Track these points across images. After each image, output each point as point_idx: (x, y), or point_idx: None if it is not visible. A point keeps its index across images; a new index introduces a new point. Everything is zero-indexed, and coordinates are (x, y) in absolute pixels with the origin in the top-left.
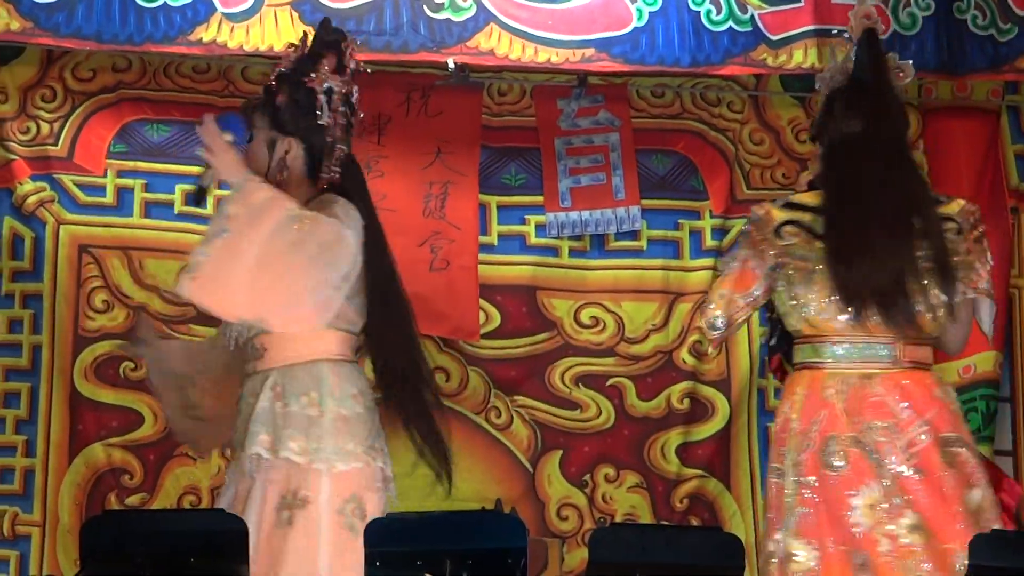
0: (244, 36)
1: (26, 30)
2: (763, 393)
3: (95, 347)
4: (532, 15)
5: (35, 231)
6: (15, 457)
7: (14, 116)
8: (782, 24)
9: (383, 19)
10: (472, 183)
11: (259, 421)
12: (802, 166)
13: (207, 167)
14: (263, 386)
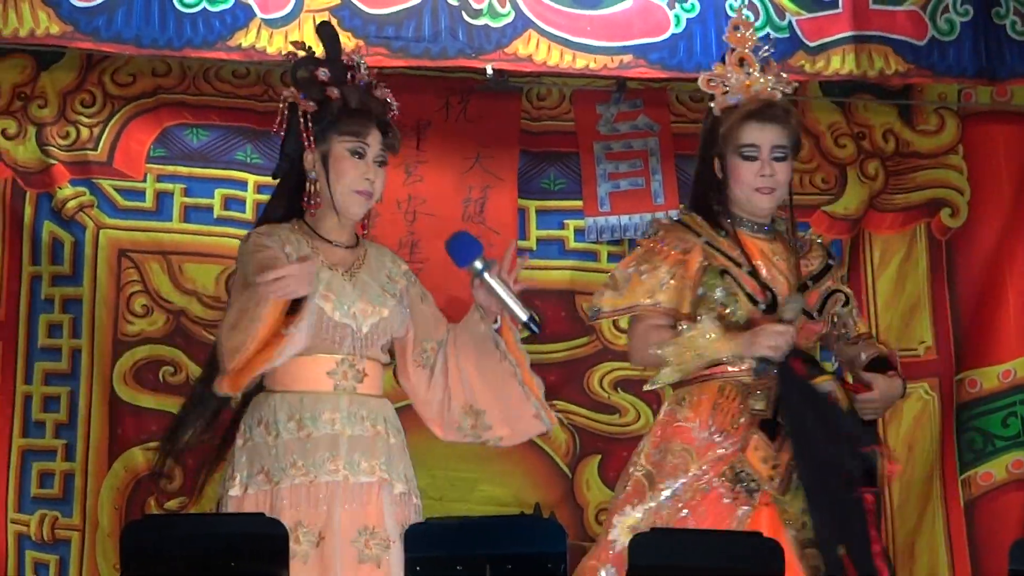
0: (283, 42)
1: (66, 34)
2: None
3: (134, 351)
4: (570, 21)
5: (75, 236)
6: (55, 461)
7: (54, 121)
8: (820, 30)
9: (422, 25)
10: (511, 188)
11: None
12: (841, 171)
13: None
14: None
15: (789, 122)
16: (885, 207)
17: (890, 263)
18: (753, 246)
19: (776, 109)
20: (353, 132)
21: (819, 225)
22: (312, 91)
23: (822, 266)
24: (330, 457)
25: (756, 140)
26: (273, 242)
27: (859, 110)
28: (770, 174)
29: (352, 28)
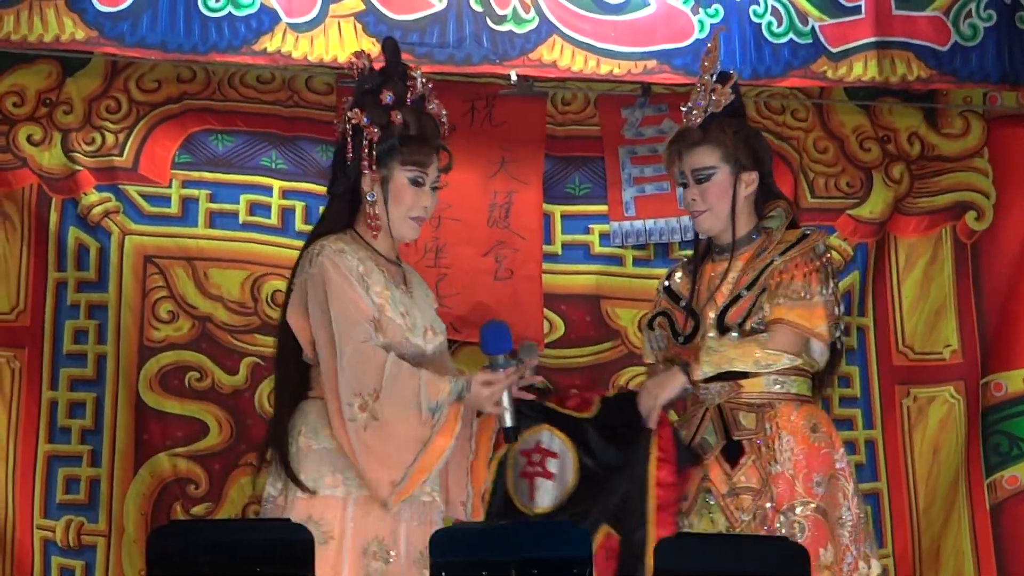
0: (308, 46)
1: (91, 40)
2: (828, 402)
3: (160, 357)
4: (594, 27)
5: (100, 242)
6: (80, 467)
7: (79, 127)
8: (842, 36)
9: (446, 32)
10: (536, 192)
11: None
12: (867, 175)
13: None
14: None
15: (711, 141)
16: (910, 210)
17: (915, 266)
18: (709, 270)
19: (691, 133)
20: (416, 162)
21: (844, 228)
22: (376, 115)
23: (759, 270)
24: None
25: (679, 167)
26: (349, 266)
27: (884, 113)
28: (692, 198)
29: (377, 34)
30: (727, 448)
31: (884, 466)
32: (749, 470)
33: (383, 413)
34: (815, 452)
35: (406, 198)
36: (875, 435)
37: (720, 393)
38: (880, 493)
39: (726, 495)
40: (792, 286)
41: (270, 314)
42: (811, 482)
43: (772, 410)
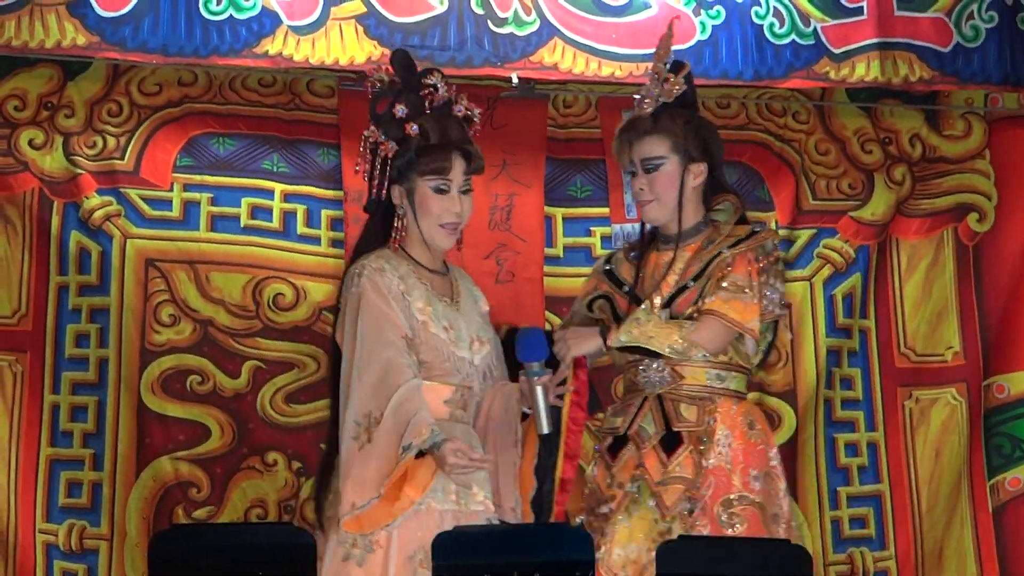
0: (310, 49)
1: (92, 45)
2: (830, 404)
3: (162, 361)
4: (596, 29)
5: (102, 245)
6: (83, 471)
7: (81, 130)
8: (845, 37)
9: (447, 34)
10: (537, 195)
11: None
12: (868, 176)
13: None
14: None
15: (660, 131)
16: (912, 212)
17: (917, 268)
18: (654, 260)
19: (642, 122)
20: (435, 170)
21: (846, 230)
22: (391, 129)
23: (706, 262)
24: (446, 484)
25: (627, 157)
26: (388, 284)
27: (885, 115)
28: (640, 188)
29: (378, 37)
30: (665, 438)
31: (886, 468)
32: (685, 460)
33: (377, 439)
34: (752, 448)
35: (432, 207)
36: (877, 437)
37: (660, 383)
38: (882, 495)
39: (659, 483)
40: (733, 278)
41: (272, 317)
42: (748, 476)
43: (712, 404)
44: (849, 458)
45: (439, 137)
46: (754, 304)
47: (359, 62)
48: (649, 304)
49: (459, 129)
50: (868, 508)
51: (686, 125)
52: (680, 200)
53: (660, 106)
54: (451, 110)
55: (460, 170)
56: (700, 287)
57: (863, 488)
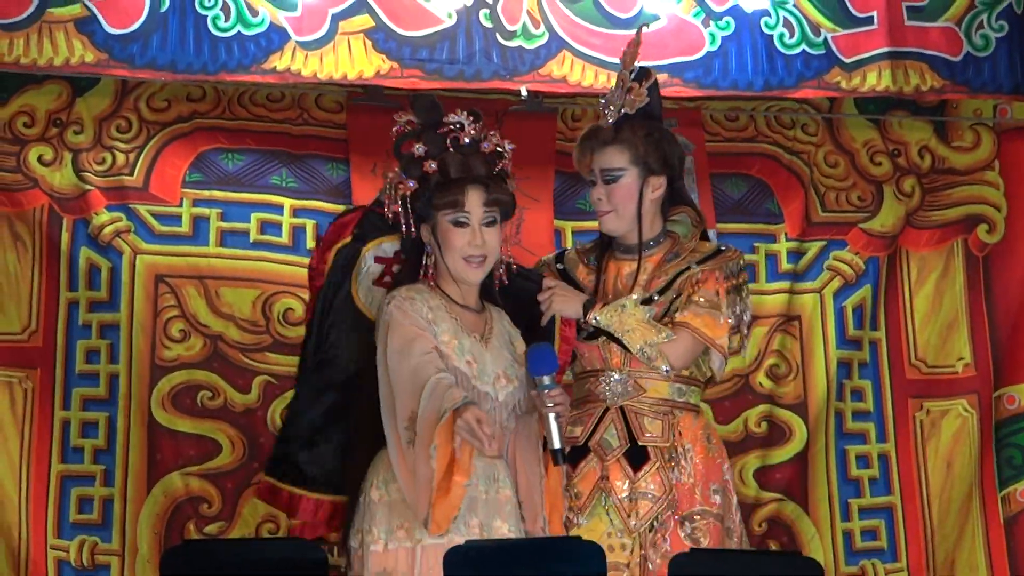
0: (318, 64)
1: (100, 62)
2: (840, 416)
3: (172, 376)
4: (605, 42)
5: (111, 261)
6: (93, 487)
7: (90, 147)
8: (855, 47)
9: (456, 48)
10: (547, 209)
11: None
12: (877, 188)
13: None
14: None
15: (621, 142)
16: (922, 224)
17: (927, 280)
18: (615, 269)
19: (602, 132)
20: (450, 204)
21: (856, 242)
22: (412, 169)
23: (673, 276)
24: (468, 519)
25: (590, 166)
26: (417, 311)
27: (894, 127)
28: (598, 198)
29: (386, 51)
30: (631, 452)
31: (897, 480)
32: (652, 476)
33: (420, 431)
34: (711, 462)
35: (454, 241)
36: (888, 449)
37: (623, 395)
38: (894, 507)
39: (625, 499)
40: (705, 294)
41: (282, 332)
42: (709, 490)
43: (674, 418)
44: (860, 470)
45: (457, 172)
46: (724, 321)
47: (367, 76)
48: (635, 297)
49: (483, 164)
50: (880, 520)
51: (647, 137)
52: (639, 212)
53: (622, 116)
54: (478, 147)
55: (478, 202)
56: (668, 301)
57: (875, 500)
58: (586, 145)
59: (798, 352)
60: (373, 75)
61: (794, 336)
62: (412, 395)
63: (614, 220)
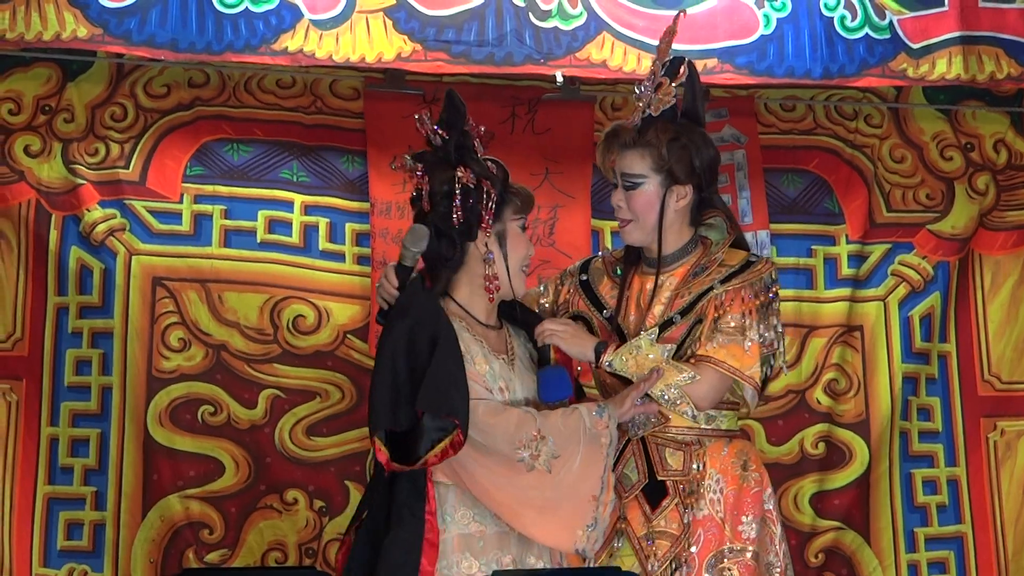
0: (333, 45)
1: (94, 37)
2: (906, 436)
3: (170, 389)
4: (648, 23)
5: (105, 262)
6: (84, 510)
7: (81, 137)
8: (924, 31)
9: (485, 28)
10: (584, 206)
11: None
12: (948, 186)
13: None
14: None
15: (644, 146)
16: (996, 225)
17: (1002, 287)
18: (639, 284)
19: (628, 133)
20: (523, 208)
21: (924, 246)
22: (481, 169)
23: (696, 296)
24: (500, 556)
25: (612, 168)
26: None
27: (967, 119)
28: (618, 204)
29: (408, 31)
30: (649, 488)
31: (968, 507)
32: (670, 514)
33: (558, 451)
34: (745, 492)
35: (521, 248)
36: (958, 473)
37: (645, 425)
38: (964, 537)
39: (642, 538)
40: (728, 320)
41: (291, 342)
42: (740, 524)
43: (701, 448)
44: (928, 496)
45: (504, 174)
46: (753, 347)
47: (388, 59)
48: (649, 334)
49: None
50: (948, 551)
51: (672, 143)
52: (660, 223)
53: (647, 117)
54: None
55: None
56: (689, 324)
57: (943, 529)
58: (607, 145)
59: (859, 366)
60: (394, 58)
61: (855, 348)
62: (509, 422)
63: (635, 230)
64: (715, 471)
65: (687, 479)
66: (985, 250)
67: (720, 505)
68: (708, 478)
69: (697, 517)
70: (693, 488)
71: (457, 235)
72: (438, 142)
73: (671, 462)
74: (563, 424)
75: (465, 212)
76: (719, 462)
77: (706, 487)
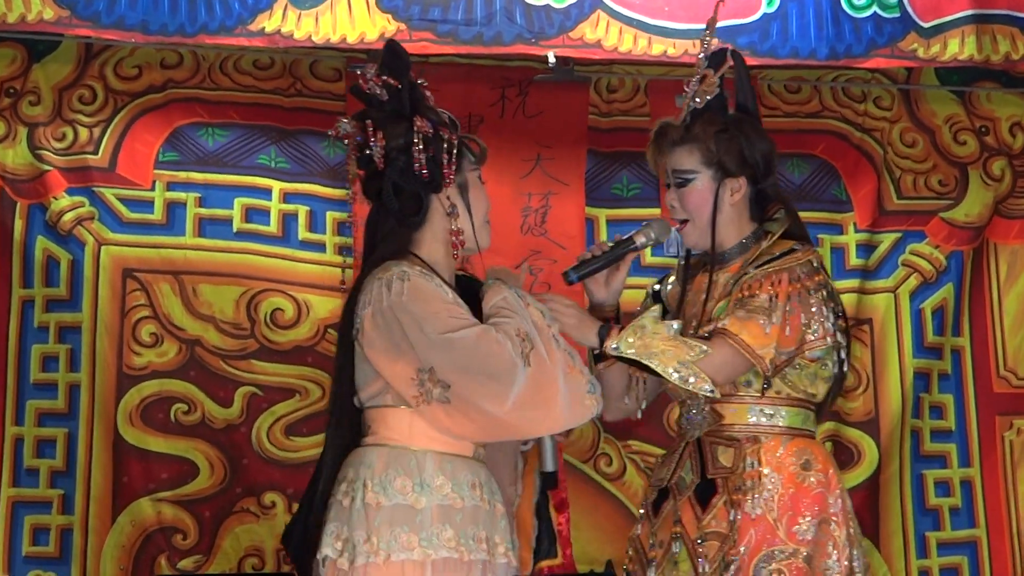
0: (313, 25)
1: (61, 20)
2: (917, 435)
3: (142, 387)
4: (646, 1)
5: (72, 253)
6: (50, 515)
7: (48, 120)
8: (935, 9)
9: (473, 7)
10: (578, 194)
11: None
12: (962, 172)
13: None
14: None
15: (692, 141)
16: (1013, 213)
17: (1019, 278)
18: (699, 283)
19: (675, 130)
20: (481, 156)
21: (936, 234)
22: (436, 117)
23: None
24: (476, 533)
25: (659, 167)
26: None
27: (982, 101)
28: (671, 204)
29: (391, 10)
30: (700, 488)
31: (983, 510)
32: (719, 512)
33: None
34: (804, 492)
35: (482, 200)
36: (972, 474)
37: (701, 425)
38: (978, 541)
39: (695, 540)
40: (753, 298)
41: (269, 336)
42: (795, 525)
43: (756, 444)
44: (940, 498)
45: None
46: (774, 330)
47: (370, 40)
48: (661, 312)
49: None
50: (962, 556)
51: (720, 134)
52: (714, 219)
53: (693, 111)
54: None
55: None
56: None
57: (956, 533)
58: (656, 144)
59: (868, 361)
60: (377, 38)
61: (864, 343)
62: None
63: (691, 231)
64: (769, 469)
65: (737, 476)
66: (1000, 239)
67: (774, 504)
68: (762, 476)
69: (750, 516)
70: (740, 484)
71: (422, 189)
72: (386, 96)
73: (722, 460)
74: (520, 310)
75: (427, 163)
76: (774, 460)
77: (759, 485)
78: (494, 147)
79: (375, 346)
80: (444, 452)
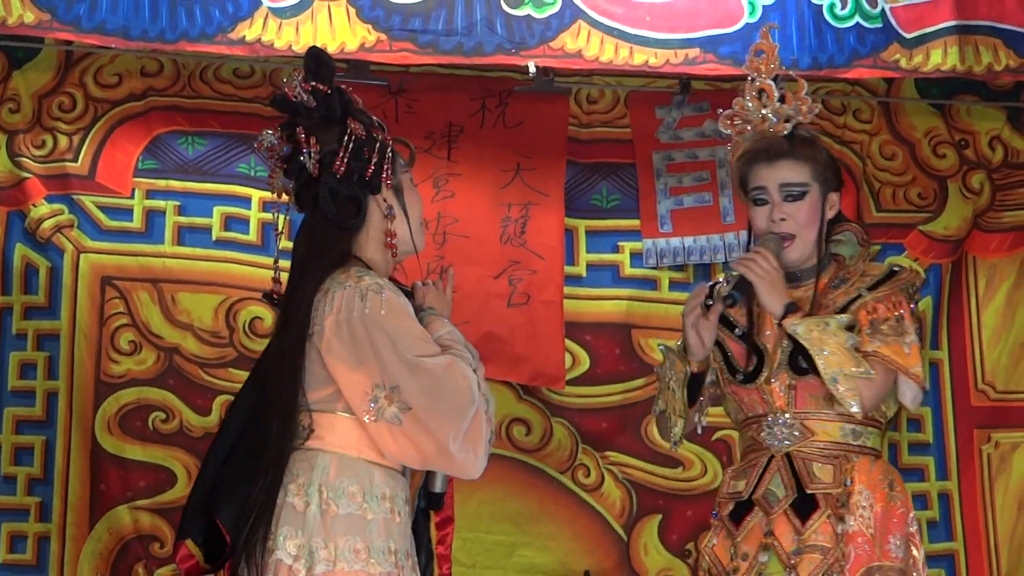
0: (293, 35)
1: (42, 23)
2: (895, 448)
3: (120, 395)
4: (627, 11)
5: (51, 261)
6: (27, 522)
7: (27, 128)
8: (918, 19)
9: (454, 16)
10: (557, 205)
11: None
12: (941, 185)
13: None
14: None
15: (800, 155)
16: (991, 227)
17: (998, 291)
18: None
19: (782, 143)
20: (410, 159)
21: (915, 247)
22: (367, 120)
23: (842, 305)
24: (386, 545)
25: (762, 182)
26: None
27: (961, 114)
28: (781, 217)
29: (373, 20)
30: (798, 502)
31: (960, 523)
32: (822, 527)
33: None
34: (893, 511)
35: (417, 201)
36: (950, 487)
37: (790, 439)
38: (956, 554)
39: (792, 553)
40: (885, 322)
41: (248, 345)
42: (888, 544)
43: (849, 463)
44: (917, 511)
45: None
46: (914, 348)
47: (351, 50)
48: (840, 319)
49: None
50: (939, 569)
51: (821, 148)
52: (820, 236)
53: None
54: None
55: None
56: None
57: (933, 547)
58: (752, 159)
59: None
60: (357, 48)
61: None
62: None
63: (797, 246)
64: (864, 487)
65: (839, 492)
66: (979, 253)
67: (870, 521)
68: (858, 494)
69: (849, 531)
70: (844, 501)
71: (360, 191)
72: (314, 102)
73: (820, 475)
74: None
75: (365, 165)
76: (868, 479)
77: (855, 503)
78: (474, 157)
79: (334, 353)
80: (385, 466)
